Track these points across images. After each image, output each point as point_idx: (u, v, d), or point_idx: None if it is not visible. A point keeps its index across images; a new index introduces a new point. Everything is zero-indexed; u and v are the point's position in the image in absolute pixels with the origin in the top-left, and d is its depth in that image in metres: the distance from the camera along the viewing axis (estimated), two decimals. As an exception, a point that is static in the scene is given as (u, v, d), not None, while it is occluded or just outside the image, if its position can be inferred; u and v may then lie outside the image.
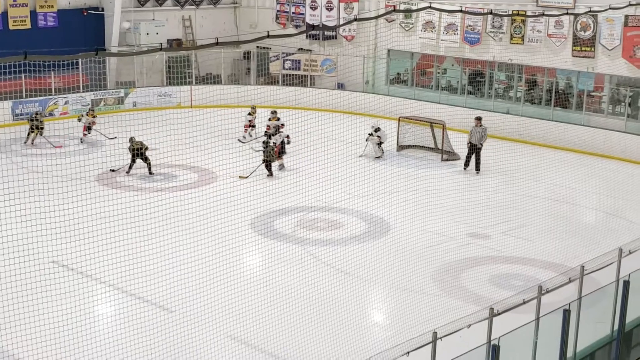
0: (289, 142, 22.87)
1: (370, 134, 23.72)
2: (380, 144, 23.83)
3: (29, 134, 24.14)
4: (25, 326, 11.40)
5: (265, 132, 23.88)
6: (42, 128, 24.14)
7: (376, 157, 23.67)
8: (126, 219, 17.16)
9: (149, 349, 11.44)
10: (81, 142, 24.48)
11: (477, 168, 22.45)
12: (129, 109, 28.72)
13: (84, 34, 29.51)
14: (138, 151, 20.93)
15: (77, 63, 27.20)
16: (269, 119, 24.39)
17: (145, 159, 21.21)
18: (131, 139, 21.05)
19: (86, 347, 11.42)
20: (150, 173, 21.29)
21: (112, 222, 17.37)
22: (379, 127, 23.89)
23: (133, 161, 21.23)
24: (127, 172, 21.25)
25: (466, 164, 22.65)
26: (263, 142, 22.01)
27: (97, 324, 12.82)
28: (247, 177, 20.75)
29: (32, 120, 24.25)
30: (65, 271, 14.22)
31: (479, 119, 22.68)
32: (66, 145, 24.09)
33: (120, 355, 11.36)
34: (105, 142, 23.78)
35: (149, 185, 20.42)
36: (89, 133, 24.84)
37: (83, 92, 27.97)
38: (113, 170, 21.00)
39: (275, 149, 21.92)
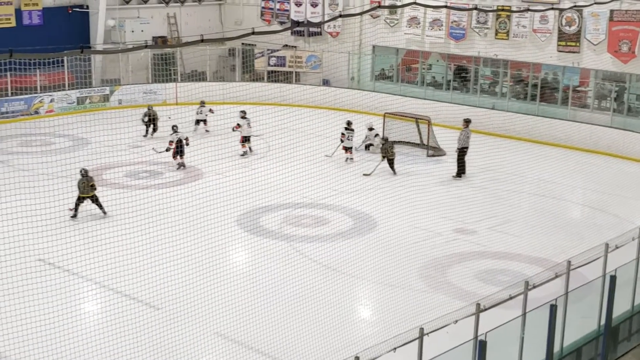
0: (187, 144, 21.80)
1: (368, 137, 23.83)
2: (367, 145, 23.82)
3: None
4: (12, 324, 11.32)
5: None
6: None
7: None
8: (113, 216, 17.14)
9: (136, 347, 11.38)
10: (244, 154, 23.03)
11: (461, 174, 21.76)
12: (115, 106, 28.58)
13: (69, 32, 29.34)
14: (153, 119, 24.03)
15: (62, 61, 27.05)
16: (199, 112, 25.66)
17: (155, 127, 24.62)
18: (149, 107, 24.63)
19: (73, 345, 11.35)
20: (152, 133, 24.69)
21: (99, 219, 17.33)
22: (371, 127, 23.89)
23: (148, 127, 24.58)
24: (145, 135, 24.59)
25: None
26: (382, 140, 22.23)
27: (83, 322, 12.74)
28: (370, 175, 21.19)
29: None
30: (52, 269, 14.14)
31: (467, 121, 22.31)
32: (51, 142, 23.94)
33: (108, 353, 11.31)
34: (92, 140, 23.61)
35: (135, 183, 20.33)
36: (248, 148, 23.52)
37: (68, 89, 27.81)
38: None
39: (173, 149, 21.58)
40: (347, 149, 22.77)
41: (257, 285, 13.95)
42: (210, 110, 25.42)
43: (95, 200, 17.64)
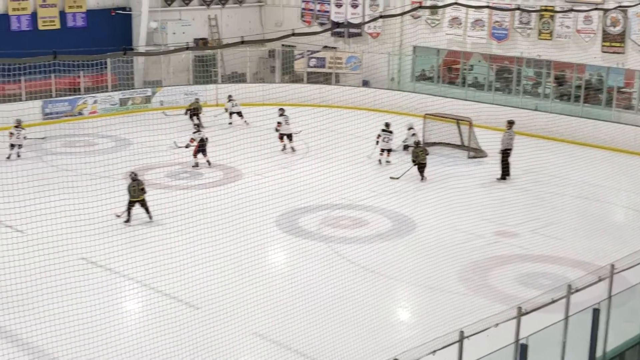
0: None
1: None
2: (406, 146, 23.72)
3: None
4: (54, 322, 11.49)
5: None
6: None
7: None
8: (153, 216, 17.27)
9: (175, 346, 11.48)
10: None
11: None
12: (156, 107, 28.89)
13: (112, 34, 29.73)
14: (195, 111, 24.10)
15: (105, 63, 27.43)
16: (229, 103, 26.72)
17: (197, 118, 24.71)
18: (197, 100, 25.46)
19: (113, 342, 11.48)
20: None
21: (140, 219, 17.51)
22: (410, 127, 23.80)
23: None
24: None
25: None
26: (414, 143, 21.91)
27: (123, 320, 12.89)
28: (398, 179, 20.88)
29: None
30: (94, 268, 14.35)
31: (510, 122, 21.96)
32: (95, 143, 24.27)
33: (147, 351, 11.39)
34: (134, 141, 23.88)
35: (175, 183, 20.52)
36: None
37: (111, 91, 28.20)
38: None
39: (195, 146, 21.88)
40: (384, 151, 22.64)
41: (296, 286, 13.95)
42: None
43: (143, 204, 17.60)
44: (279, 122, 23.89)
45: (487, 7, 20.83)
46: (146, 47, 30.01)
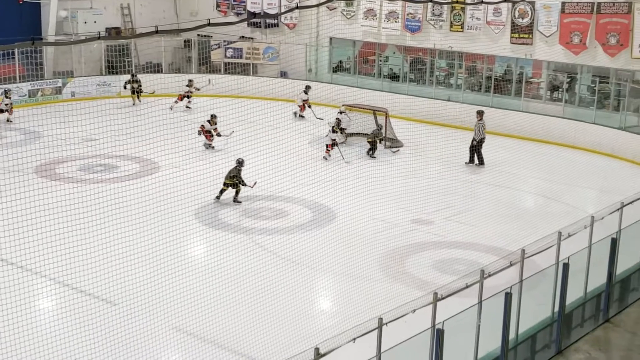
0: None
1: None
2: (340, 129, 23.89)
3: None
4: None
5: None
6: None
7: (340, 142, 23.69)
8: (66, 211, 16.80)
9: (93, 343, 11.27)
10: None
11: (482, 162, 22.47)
12: (68, 99, 28.14)
13: (19, 23, 28.74)
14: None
15: (13, 53, 26.55)
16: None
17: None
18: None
19: (26, 342, 11.17)
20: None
21: (52, 214, 17.00)
22: (341, 111, 24.01)
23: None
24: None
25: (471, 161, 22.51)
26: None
27: (37, 318, 12.56)
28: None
29: None
30: (4, 265, 13.92)
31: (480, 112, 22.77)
32: (2, 137, 23.49)
33: (63, 350, 11.14)
34: (44, 133, 23.18)
35: (90, 177, 20.06)
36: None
37: (20, 82, 27.30)
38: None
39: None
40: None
41: (217, 279, 13.88)
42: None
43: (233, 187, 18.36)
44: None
45: (401, -1, 21.17)
46: (56, 37, 29.15)
